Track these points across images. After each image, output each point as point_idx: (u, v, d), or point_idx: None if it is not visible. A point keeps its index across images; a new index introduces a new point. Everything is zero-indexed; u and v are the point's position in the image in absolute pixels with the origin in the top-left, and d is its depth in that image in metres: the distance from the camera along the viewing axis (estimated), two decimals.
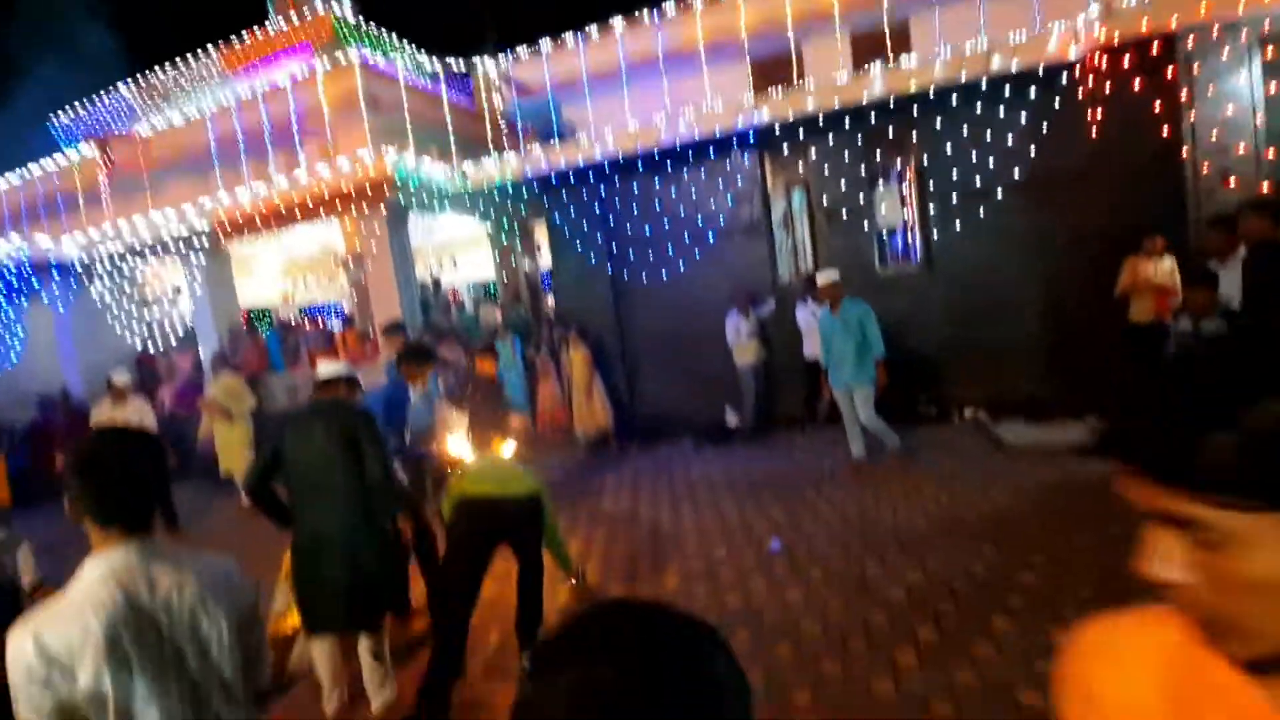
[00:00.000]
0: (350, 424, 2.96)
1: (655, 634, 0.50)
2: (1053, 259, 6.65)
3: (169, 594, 1.27)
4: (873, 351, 5.37)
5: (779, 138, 7.41)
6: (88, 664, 1.17)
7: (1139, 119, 6.05)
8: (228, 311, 10.22)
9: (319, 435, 2.92)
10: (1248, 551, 0.51)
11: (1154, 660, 0.65)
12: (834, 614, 3.37)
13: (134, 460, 1.33)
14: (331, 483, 2.89)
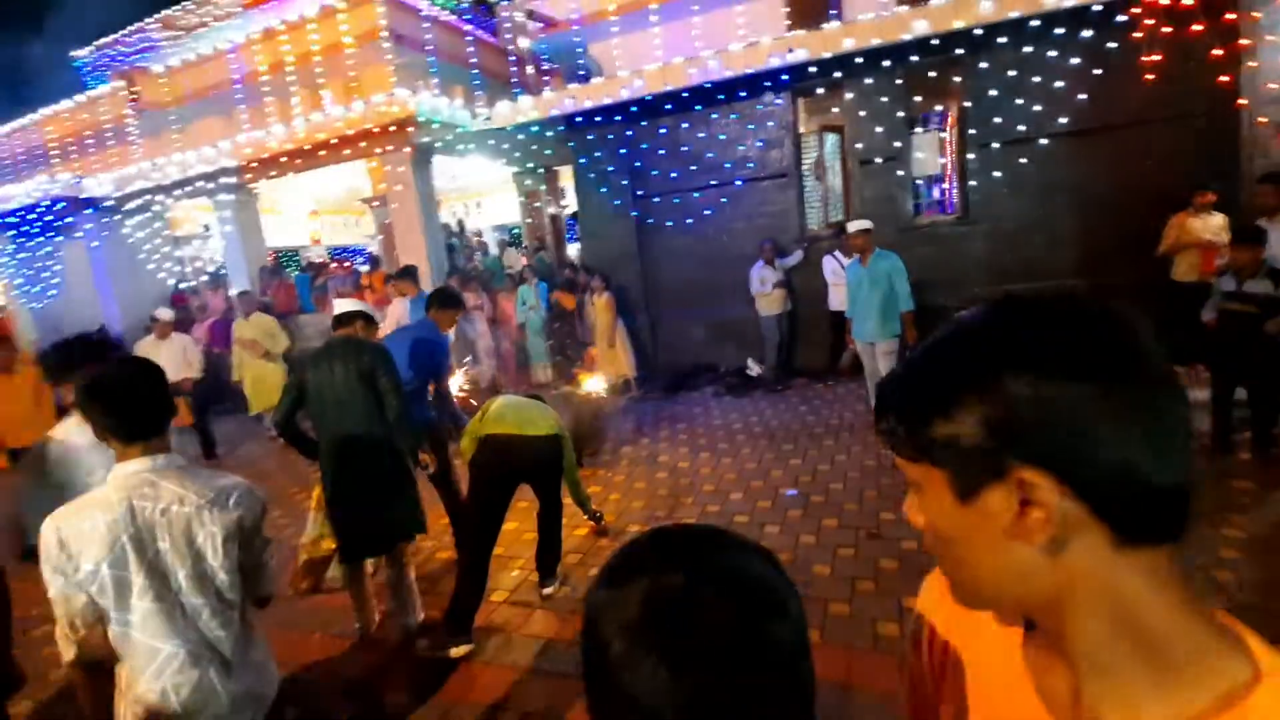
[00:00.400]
0: (366, 361, 3.03)
1: (720, 547, 0.54)
2: (1096, 213, 6.41)
3: (169, 504, 1.45)
4: (900, 306, 5.23)
5: (813, 79, 7.13)
6: (90, 555, 1.39)
7: (1195, 66, 5.69)
8: (257, 251, 10.36)
9: (338, 372, 3.01)
10: (925, 500, 0.55)
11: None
12: (845, 559, 3.45)
13: (140, 385, 1.50)
14: (351, 417, 3.00)
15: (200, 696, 1.45)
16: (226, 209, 9.92)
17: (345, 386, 3.00)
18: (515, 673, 2.81)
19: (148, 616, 1.42)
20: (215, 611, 1.49)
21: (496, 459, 3.10)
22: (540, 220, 12.26)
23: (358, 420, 3.01)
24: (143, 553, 1.42)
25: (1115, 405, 0.46)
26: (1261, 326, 3.79)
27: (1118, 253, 6.28)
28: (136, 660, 1.42)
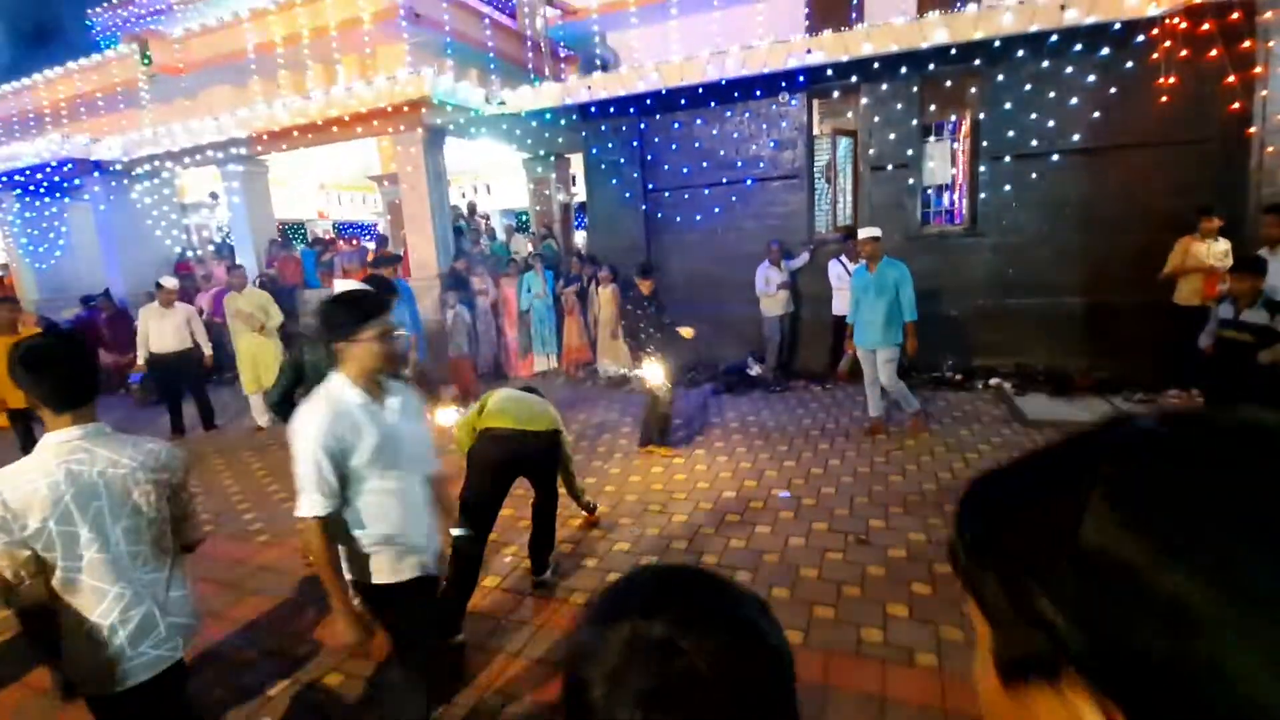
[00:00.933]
0: None
1: (707, 594, 0.55)
2: (1102, 231, 6.43)
3: (105, 467, 1.64)
4: (904, 315, 5.22)
5: (829, 81, 7.12)
6: (34, 516, 1.53)
7: (1209, 91, 5.71)
8: (264, 223, 10.36)
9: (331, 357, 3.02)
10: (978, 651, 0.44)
11: None
12: (832, 564, 3.49)
13: (71, 358, 1.65)
14: None
15: (143, 628, 1.67)
16: (235, 179, 9.90)
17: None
18: (505, 658, 2.86)
19: (94, 564, 1.60)
20: (150, 557, 1.71)
21: (496, 453, 3.13)
22: (549, 207, 12.25)
23: None
24: (85, 510, 1.59)
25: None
26: (1256, 356, 3.82)
27: (1122, 272, 6.30)
28: (85, 601, 1.61)
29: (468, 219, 11.79)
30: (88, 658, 1.63)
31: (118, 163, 10.02)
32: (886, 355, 5.30)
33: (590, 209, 8.84)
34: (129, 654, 1.64)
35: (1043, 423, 5.47)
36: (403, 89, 7.85)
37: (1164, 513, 0.31)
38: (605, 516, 4.20)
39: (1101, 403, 5.79)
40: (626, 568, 3.53)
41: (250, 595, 3.53)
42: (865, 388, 5.60)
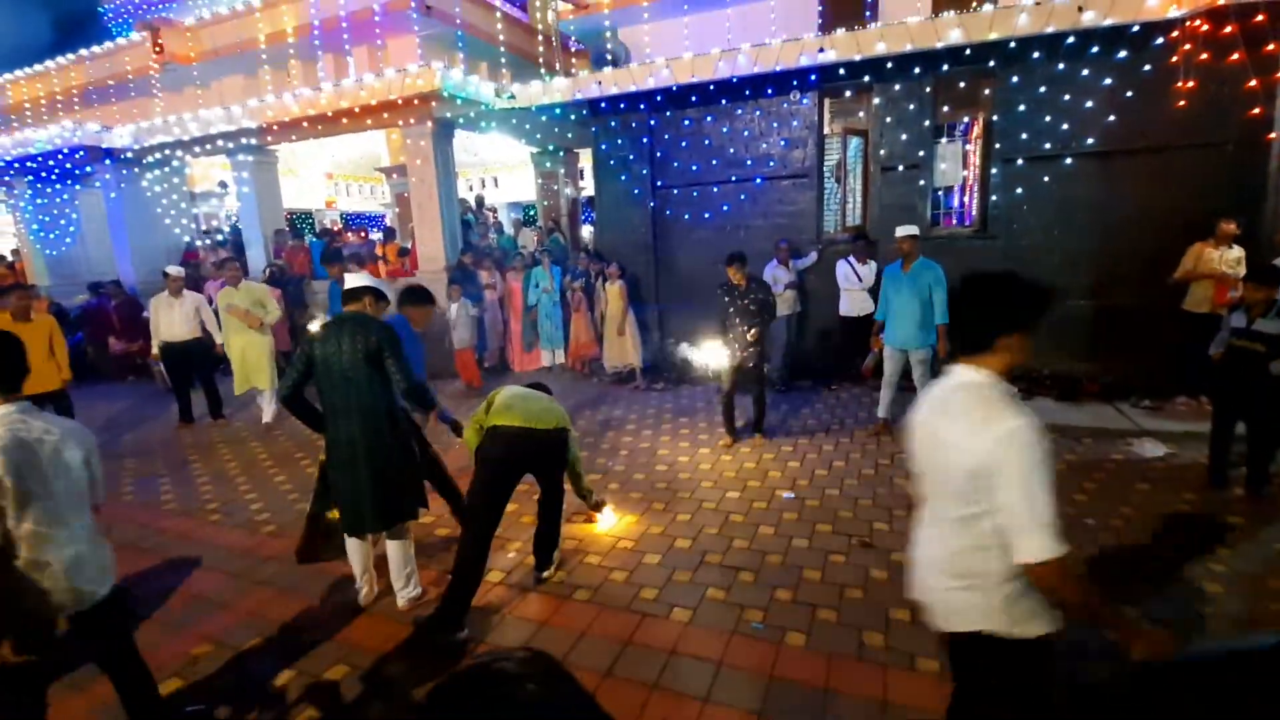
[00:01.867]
0: (373, 339, 3.03)
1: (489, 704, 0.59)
2: (1114, 236, 6.37)
3: (40, 435, 2.04)
4: (936, 318, 5.21)
5: (842, 80, 7.07)
6: None
7: (1229, 95, 5.63)
8: (273, 212, 10.39)
9: (345, 348, 3.02)
10: None
11: None
12: (835, 566, 3.50)
13: (7, 351, 2.06)
14: (355, 394, 3.03)
15: (80, 563, 2.06)
16: (245, 169, 9.93)
17: (351, 363, 3.02)
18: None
19: (42, 512, 1.98)
20: (79, 509, 2.12)
21: (504, 451, 3.14)
22: (556, 202, 12.24)
23: (362, 397, 3.04)
24: (34, 467, 1.98)
25: None
26: (1267, 366, 3.79)
27: (1133, 277, 6.25)
28: (34, 541, 1.96)
29: (475, 212, 11.80)
30: (32, 593, 1.97)
31: (129, 150, 10.06)
32: (920, 355, 5.30)
33: (598, 204, 8.83)
34: (66, 585, 2.02)
35: (1049, 427, 5.42)
36: (413, 82, 7.85)
37: None
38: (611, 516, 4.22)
39: (1108, 409, 5.76)
40: (631, 564, 3.55)
41: (257, 586, 3.56)
42: (883, 387, 5.59)
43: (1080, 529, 3.75)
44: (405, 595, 3.26)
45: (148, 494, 5.05)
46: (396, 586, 3.27)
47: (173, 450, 6.11)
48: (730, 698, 2.54)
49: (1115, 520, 3.84)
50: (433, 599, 3.20)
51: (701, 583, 3.38)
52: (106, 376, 9.37)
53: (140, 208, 10.54)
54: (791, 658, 2.77)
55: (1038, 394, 6.24)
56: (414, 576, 3.31)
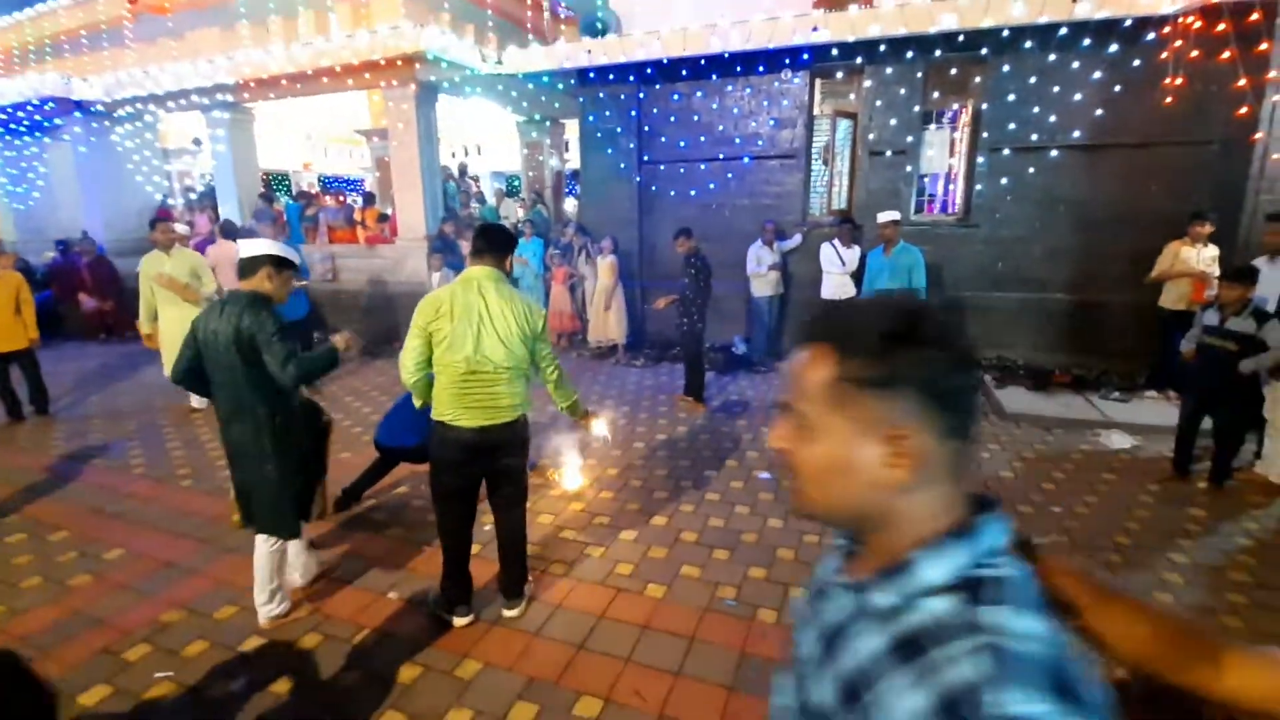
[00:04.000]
0: (246, 323, 2.61)
1: None
2: (1096, 230, 6.45)
3: None
4: None
5: (833, 61, 7.01)
6: None
7: (1217, 93, 5.68)
8: (248, 172, 10.10)
9: (221, 334, 2.64)
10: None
11: None
12: (809, 545, 3.55)
13: None
14: (228, 389, 2.71)
15: None
16: (220, 126, 9.61)
17: (224, 352, 2.64)
18: (525, 637, 2.90)
19: None
20: None
21: (460, 457, 2.70)
22: (541, 173, 12.06)
23: (234, 393, 2.70)
24: None
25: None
26: (1236, 364, 3.89)
27: (1111, 272, 6.36)
28: None
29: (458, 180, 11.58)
30: None
31: (99, 103, 9.66)
32: None
33: (583, 177, 8.70)
34: None
35: (1020, 416, 5.56)
36: (397, 42, 7.62)
37: None
38: (586, 492, 4.23)
39: (1079, 399, 5.89)
40: (607, 540, 3.57)
41: (228, 553, 3.52)
42: None
43: (1047, 516, 3.85)
44: (265, 612, 2.88)
45: (116, 457, 4.95)
46: (257, 600, 2.88)
47: (144, 413, 5.99)
48: (702, 671, 2.58)
49: (1081, 509, 3.94)
50: (304, 617, 2.96)
51: (677, 559, 3.42)
52: (78, 336, 9.12)
53: (110, 163, 10.17)
54: (763, 633, 2.82)
55: (1011, 382, 6.35)
56: (280, 593, 2.91)
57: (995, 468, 4.58)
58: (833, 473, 0.66)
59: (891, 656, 0.61)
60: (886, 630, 0.63)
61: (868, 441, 0.64)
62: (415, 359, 2.66)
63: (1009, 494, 4.14)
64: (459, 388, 2.63)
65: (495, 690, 2.51)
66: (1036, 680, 0.53)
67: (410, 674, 2.60)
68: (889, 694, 0.59)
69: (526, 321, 2.70)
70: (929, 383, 0.62)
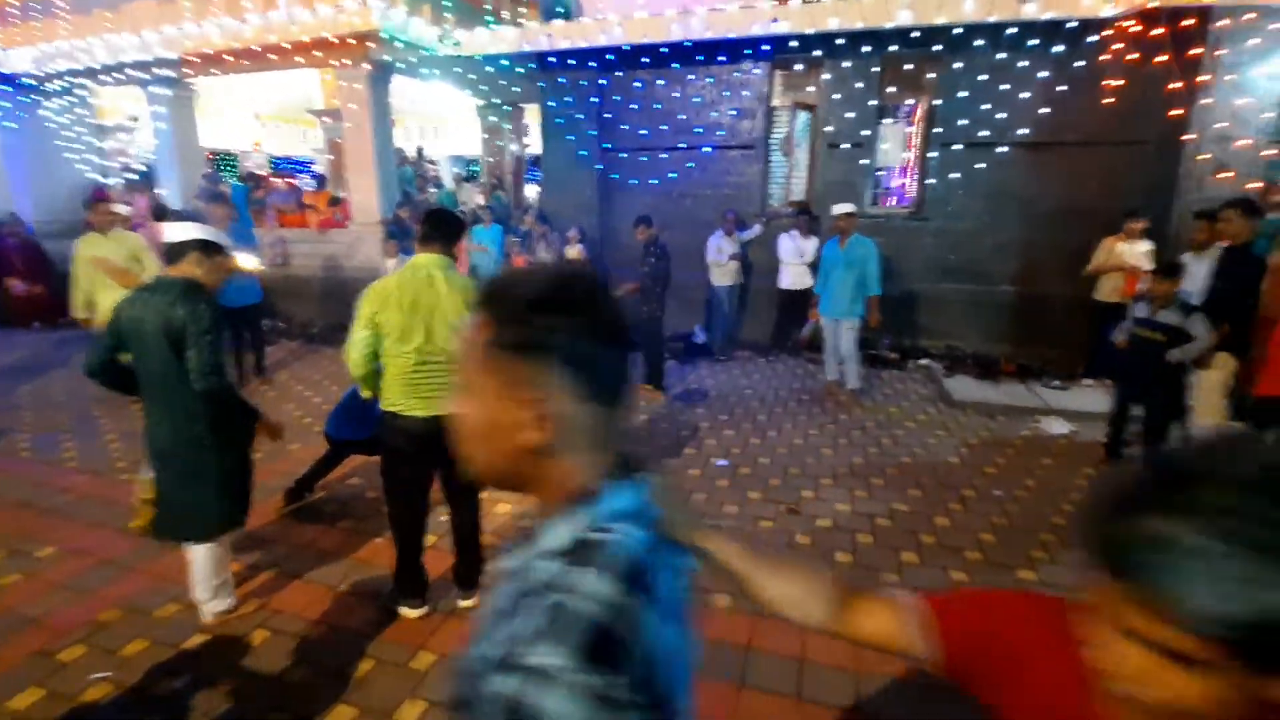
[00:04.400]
0: (178, 313, 2.44)
1: None
2: (1039, 225, 6.71)
3: None
4: (868, 289, 5.62)
5: (793, 53, 7.07)
6: None
7: (1153, 95, 5.94)
8: (191, 152, 9.65)
9: (148, 324, 2.46)
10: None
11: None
12: (763, 532, 3.63)
13: None
14: (156, 381, 2.54)
15: None
16: (160, 103, 9.15)
17: (153, 343, 2.47)
18: (431, 620, 2.88)
19: None
20: None
21: (413, 447, 2.65)
22: (501, 158, 11.86)
23: (161, 385, 2.53)
24: None
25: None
26: (1165, 354, 4.09)
27: (1054, 266, 6.62)
28: None
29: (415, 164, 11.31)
30: None
31: (27, 76, 9.08)
32: (849, 325, 5.70)
33: (544, 164, 8.60)
34: None
35: (966, 404, 5.76)
36: (349, 20, 7.37)
37: None
38: None
39: (1021, 387, 6.13)
40: None
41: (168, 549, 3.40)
42: (826, 356, 5.94)
43: (989, 500, 4.01)
44: (210, 608, 2.77)
45: (48, 451, 4.72)
46: (199, 597, 2.75)
47: (78, 403, 5.71)
48: None
49: (1020, 492, 4.12)
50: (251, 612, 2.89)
51: None
52: (6, 323, 8.62)
53: (40, 139, 9.59)
54: (717, 619, 2.88)
55: (959, 371, 6.57)
56: (225, 586, 2.80)
57: (942, 453, 4.75)
58: (483, 435, 0.68)
59: (496, 616, 0.65)
60: (506, 592, 0.67)
61: (510, 405, 0.65)
62: (363, 351, 2.59)
63: (954, 479, 4.30)
64: (410, 378, 2.58)
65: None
66: (569, 638, 0.56)
67: (364, 667, 2.57)
68: (485, 648, 0.62)
69: None
70: (567, 348, 0.64)
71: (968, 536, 3.57)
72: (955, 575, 3.20)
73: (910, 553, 3.42)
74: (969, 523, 3.73)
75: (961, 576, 3.19)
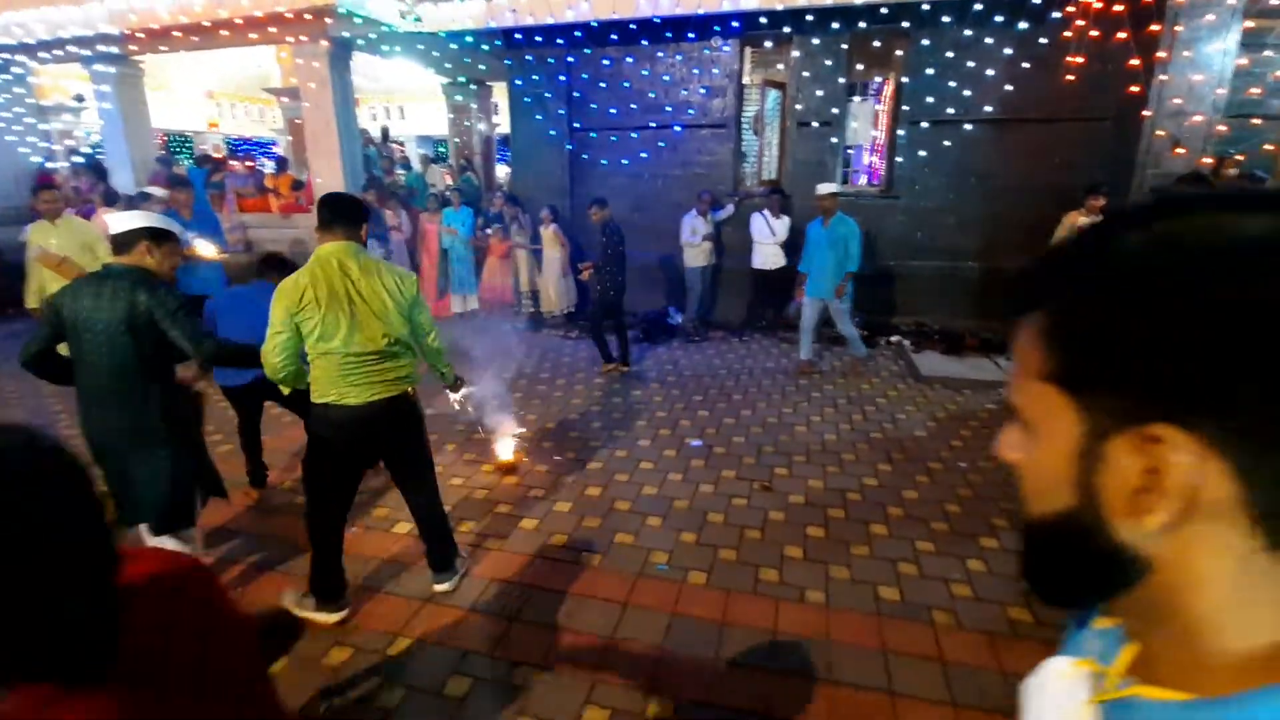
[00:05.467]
0: (142, 302, 2.39)
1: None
2: (1002, 201, 6.83)
3: None
4: (849, 266, 5.76)
5: (763, 30, 7.03)
6: None
7: (1112, 72, 6.05)
8: (140, 133, 9.27)
9: (109, 314, 2.38)
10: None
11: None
12: (737, 509, 3.69)
13: None
14: (115, 373, 2.44)
15: None
16: (105, 82, 8.75)
17: (105, 335, 2.39)
18: (410, 604, 2.88)
19: None
20: None
21: (349, 435, 2.58)
22: (469, 138, 11.63)
23: (113, 375, 2.44)
24: None
25: None
26: None
27: (1017, 241, 6.75)
28: None
29: (379, 145, 11.03)
30: None
31: None
32: (836, 304, 5.87)
33: (514, 144, 8.47)
34: None
35: (934, 379, 5.89)
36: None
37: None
38: (521, 463, 4.22)
39: (987, 361, 6.29)
40: (541, 513, 3.59)
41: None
42: (802, 333, 6.08)
43: (955, 472, 4.13)
44: None
45: None
46: None
47: (33, 398, 5.51)
48: (633, 633, 2.66)
49: (984, 463, 4.24)
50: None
51: (610, 528, 3.48)
52: None
53: None
54: (693, 595, 2.93)
55: (927, 347, 6.70)
56: None
57: (911, 428, 4.86)
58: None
59: None
60: None
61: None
62: (284, 353, 2.46)
63: (922, 452, 4.41)
64: (340, 369, 2.51)
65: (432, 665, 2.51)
66: None
67: (339, 656, 2.56)
68: None
69: (400, 291, 2.58)
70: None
71: (934, 508, 3.67)
72: (922, 545, 3.30)
73: (879, 525, 3.50)
74: (936, 494, 3.83)
75: (928, 547, 3.29)
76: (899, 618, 2.77)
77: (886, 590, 2.95)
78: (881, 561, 3.18)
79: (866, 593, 2.94)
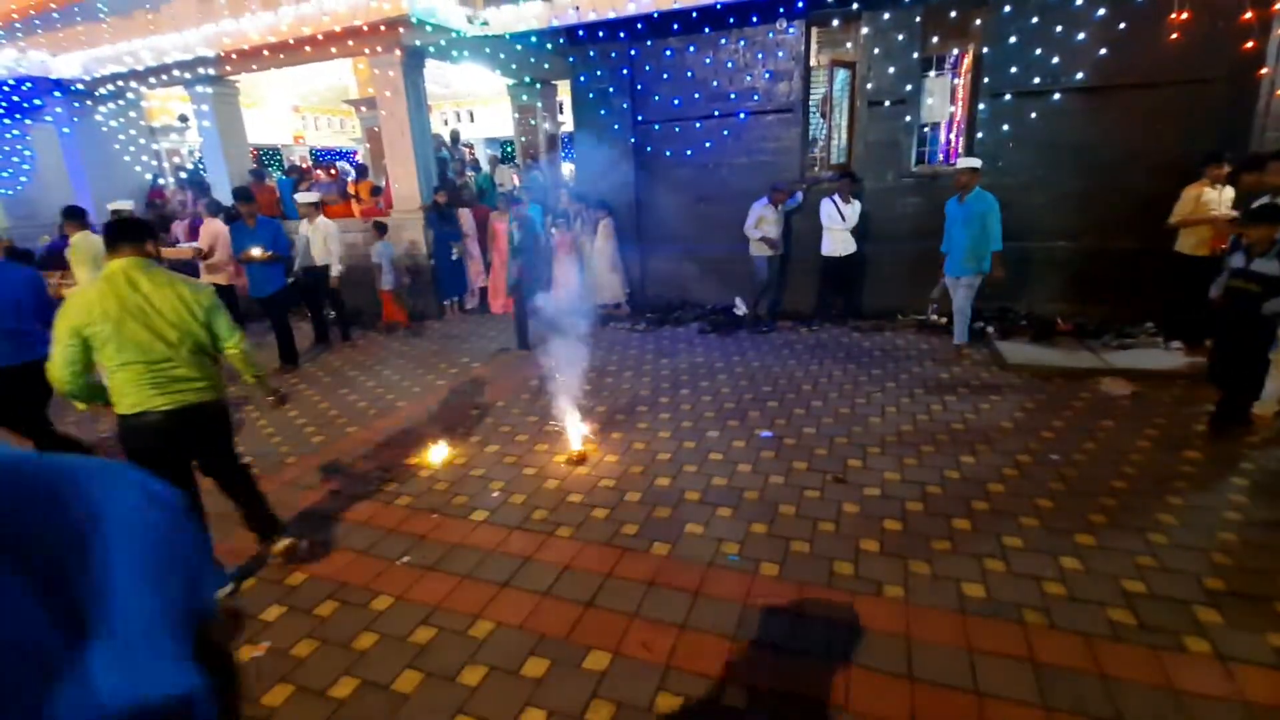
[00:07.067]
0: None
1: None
2: (1101, 175, 6.33)
3: None
4: (989, 245, 5.64)
5: (829, 8, 6.81)
6: None
7: (1222, 28, 5.50)
8: (237, 148, 9.95)
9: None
10: None
11: None
12: (809, 501, 3.61)
13: None
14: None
15: None
16: (204, 102, 9.44)
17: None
18: (489, 589, 2.98)
19: None
20: None
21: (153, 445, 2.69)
22: (535, 137, 11.84)
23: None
24: None
25: None
26: (1259, 306, 3.75)
27: (1116, 218, 6.27)
28: None
29: (450, 148, 11.40)
30: None
31: (79, 82, 9.48)
32: (968, 281, 5.85)
33: (577, 140, 8.56)
34: None
35: (1023, 367, 5.56)
36: (379, 6, 7.42)
37: None
38: (591, 456, 4.28)
39: (1081, 348, 5.88)
40: (612, 502, 3.63)
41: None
42: (954, 316, 6.09)
43: (1046, 465, 3.89)
44: None
45: None
46: None
47: None
48: (706, 624, 2.66)
49: (1078, 456, 3.98)
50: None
51: (680, 519, 3.48)
52: None
53: (97, 143, 10.03)
54: (765, 586, 2.89)
55: (1013, 334, 6.33)
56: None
57: (996, 418, 4.61)
58: None
59: None
60: None
61: None
62: (72, 369, 2.55)
63: (1008, 444, 4.18)
64: (139, 379, 2.63)
65: (510, 646, 2.59)
66: None
67: (425, 636, 2.68)
68: None
69: (194, 300, 2.71)
70: None
71: (1023, 503, 3.47)
72: (1009, 541, 3.13)
73: (962, 519, 3.35)
74: (1025, 489, 3.62)
75: (1016, 543, 3.12)
76: (985, 615, 2.64)
77: (971, 587, 2.82)
78: (965, 557, 3.03)
79: (949, 589, 2.82)
